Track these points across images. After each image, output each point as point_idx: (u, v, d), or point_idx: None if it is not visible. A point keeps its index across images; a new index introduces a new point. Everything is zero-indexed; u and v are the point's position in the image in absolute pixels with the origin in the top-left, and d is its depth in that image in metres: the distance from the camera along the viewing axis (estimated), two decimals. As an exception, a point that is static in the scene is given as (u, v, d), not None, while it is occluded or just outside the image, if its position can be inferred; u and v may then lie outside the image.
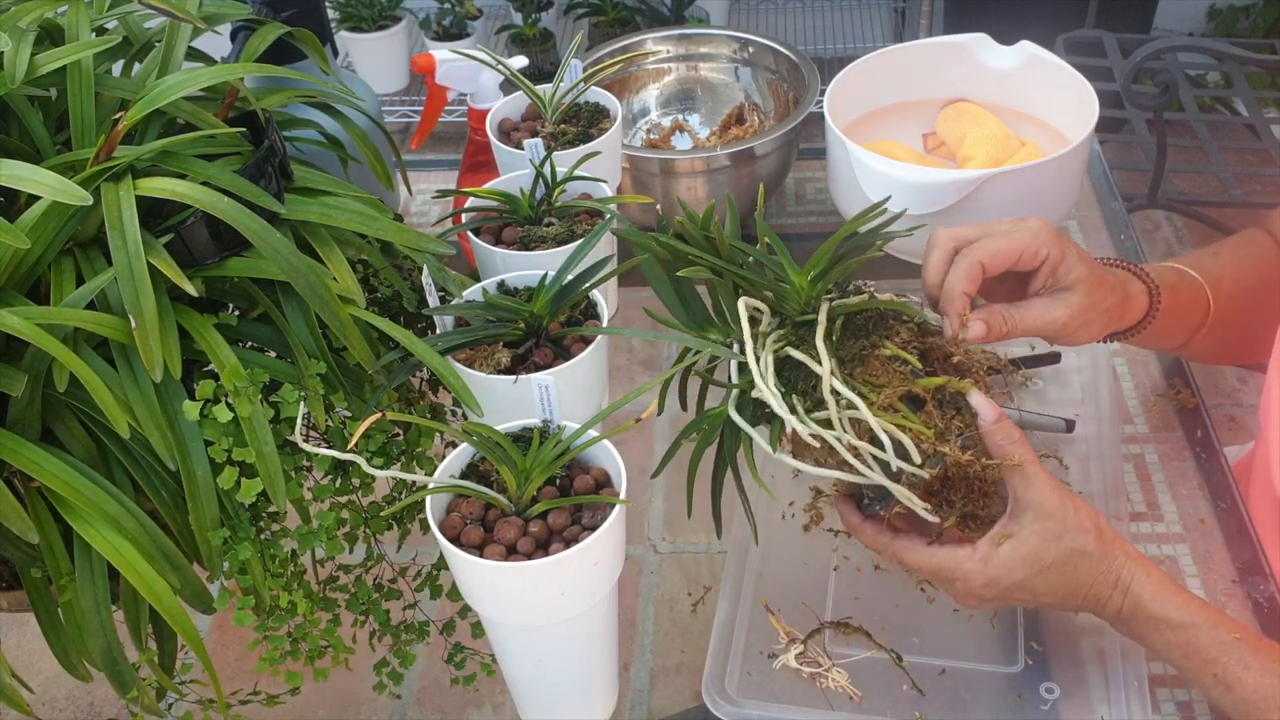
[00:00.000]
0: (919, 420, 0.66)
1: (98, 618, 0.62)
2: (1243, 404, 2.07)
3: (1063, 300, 0.75)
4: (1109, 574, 0.68)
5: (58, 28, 0.72)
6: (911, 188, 1.01)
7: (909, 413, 0.67)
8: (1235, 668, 0.66)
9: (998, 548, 0.68)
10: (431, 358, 0.69)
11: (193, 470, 0.62)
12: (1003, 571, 0.68)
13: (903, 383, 0.67)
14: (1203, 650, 0.67)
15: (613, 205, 0.88)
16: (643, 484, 0.96)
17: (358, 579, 0.75)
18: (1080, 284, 0.75)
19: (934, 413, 0.67)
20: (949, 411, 0.68)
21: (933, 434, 0.66)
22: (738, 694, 0.77)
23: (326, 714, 0.83)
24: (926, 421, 0.67)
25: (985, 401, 0.68)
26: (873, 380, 0.67)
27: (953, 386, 0.68)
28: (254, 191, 0.63)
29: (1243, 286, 0.88)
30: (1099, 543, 0.68)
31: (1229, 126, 2.42)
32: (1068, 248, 0.75)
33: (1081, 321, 0.75)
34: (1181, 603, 0.68)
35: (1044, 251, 0.74)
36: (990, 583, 0.69)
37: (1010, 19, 2.44)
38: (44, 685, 0.87)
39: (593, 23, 2.56)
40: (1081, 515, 0.68)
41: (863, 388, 0.67)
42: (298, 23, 0.85)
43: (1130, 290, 0.79)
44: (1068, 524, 0.68)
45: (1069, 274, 0.75)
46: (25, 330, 0.56)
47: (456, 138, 2.03)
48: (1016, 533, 0.68)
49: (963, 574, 0.69)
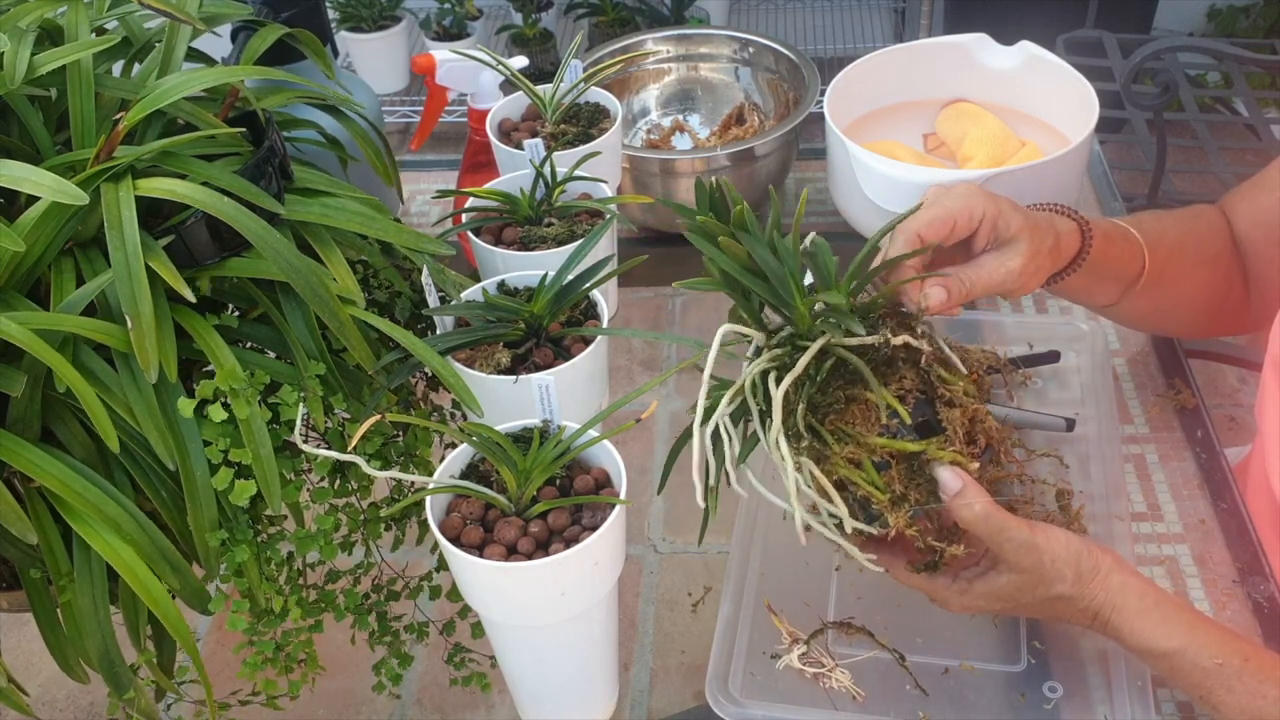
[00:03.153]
0: (880, 479, 0.66)
1: (96, 619, 0.62)
2: (1243, 404, 2.07)
3: (1012, 250, 0.75)
4: (1087, 610, 0.70)
5: (57, 28, 0.72)
6: (911, 188, 1.01)
7: (870, 470, 0.66)
8: (1220, 692, 0.67)
9: (974, 584, 0.71)
10: (431, 358, 0.69)
11: (192, 471, 0.62)
12: (979, 603, 0.71)
13: (857, 449, 0.66)
14: (1185, 675, 0.68)
15: (613, 205, 0.88)
16: (643, 484, 0.96)
17: (354, 583, 0.75)
18: (1021, 233, 0.75)
19: (897, 475, 0.67)
20: (918, 476, 0.67)
21: (887, 498, 0.66)
22: (741, 694, 0.77)
23: (326, 714, 0.83)
24: (889, 482, 0.66)
25: (950, 474, 0.66)
26: (845, 429, 0.67)
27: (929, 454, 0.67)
28: (254, 192, 0.63)
29: (1181, 254, 0.88)
30: (1075, 584, 0.69)
31: (1229, 126, 2.42)
32: (1000, 202, 0.76)
33: (1033, 269, 0.76)
34: (1164, 631, 0.68)
35: (978, 210, 0.75)
36: (966, 608, 0.72)
37: (1010, 19, 2.43)
38: (44, 686, 0.87)
39: (593, 23, 2.56)
40: (1059, 564, 0.68)
41: (829, 435, 0.66)
42: (298, 23, 0.85)
43: (1060, 228, 0.79)
44: (1042, 577, 0.68)
45: (1009, 227, 0.75)
46: (21, 338, 0.56)
47: (456, 138, 2.03)
48: (993, 578, 0.70)
49: (941, 599, 0.72)
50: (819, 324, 0.67)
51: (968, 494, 0.66)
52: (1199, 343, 1.30)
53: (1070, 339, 1.01)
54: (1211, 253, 0.91)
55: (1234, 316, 0.94)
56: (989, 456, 0.70)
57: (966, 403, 0.68)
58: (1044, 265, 0.77)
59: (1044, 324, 1.04)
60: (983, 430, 0.69)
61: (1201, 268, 0.90)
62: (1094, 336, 0.99)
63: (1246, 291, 0.93)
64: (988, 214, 0.75)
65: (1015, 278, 0.75)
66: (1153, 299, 0.88)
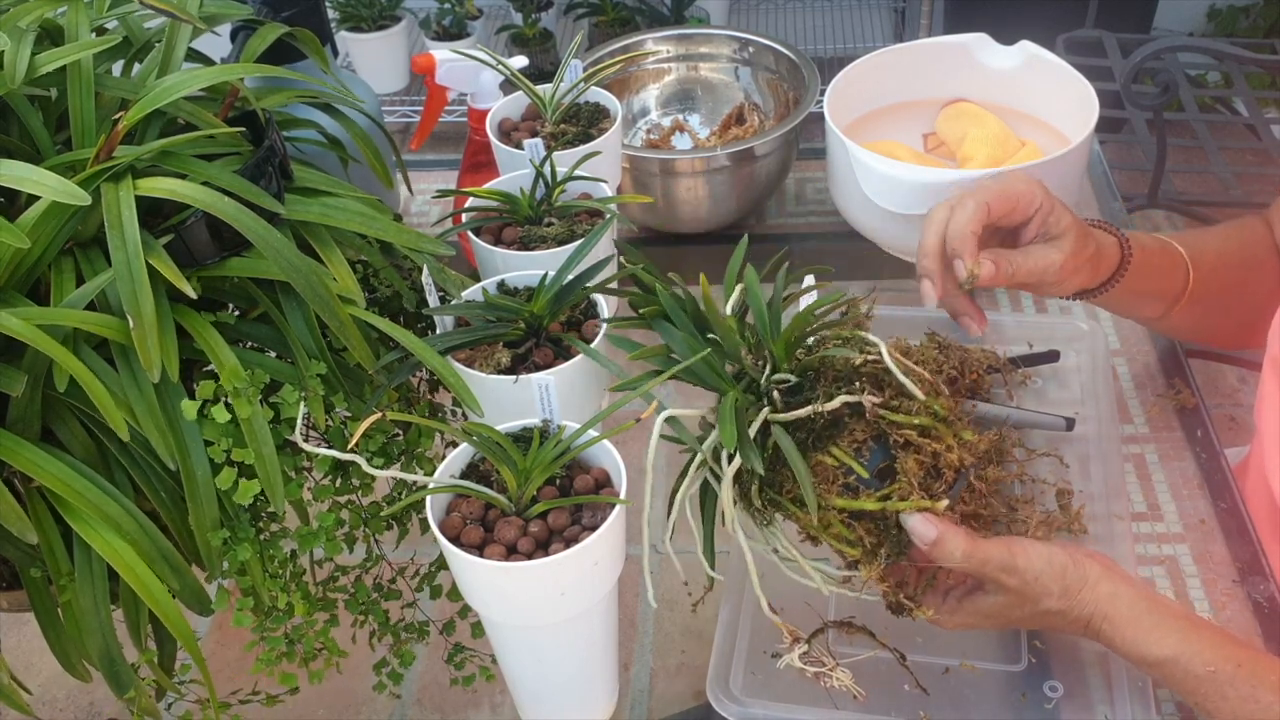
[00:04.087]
0: (851, 535, 0.67)
1: (97, 618, 0.62)
2: (1243, 404, 2.07)
3: (1057, 245, 0.78)
4: (1078, 620, 0.70)
5: (58, 28, 0.72)
6: (911, 188, 1.01)
7: (840, 526, 0.67)
8: (1214, 699, 0.67)
9: (963, 603, 0.72)
10: (431, 358, 0.69)
11: (193, 470, 0.62)
12: (971, 620, 0.72)
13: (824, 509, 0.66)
14: (1179, 683, 0.68)
15: (613, 205, 0.88)
16: (643, 484, 0.95)
17: (357, 579, 0.75)
18: (1069, 231, 0.78)
19: (863, 531, 0.67)
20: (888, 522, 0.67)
21: (859, 553, 0.67)
22: (742, 693, 0.77)
23: (326, 714, 0.83)
24: (858, 538, 0.67)
25: (922, 522, 0.66)
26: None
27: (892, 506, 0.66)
28: (254, 191, 0.63)
29: (1226, 264, 0.89)
30: (1063, 599, 0.69)
31: (1229, 126, 2.42)
32: (1054, 198, 0.79)
33: (1072, 267, 0.79)
34: (1156, 639, 0.68)
35: (1038, 199, 0.78)
36: (961, 625, 0.73)
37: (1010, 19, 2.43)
38: (44, 685, 0.87)
39: (593, 23, 2.56)
40: (1043, 580, 0.68)
41: (790, 505, 0.67)
42: (297, 23, 0.85)
43: (1101, 241, 0.82)
44: (1028, 595, 0.69)
45: (1059, 223, 0.79)
46: (24, 332, 0.56)
47: (456, 138, 2.03)
48: (981, 599, 0.71)
49: (932, 619, 0.73)
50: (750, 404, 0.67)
51: (944, 542, 0.66)
52: (1199, 343, 1.30)
53: (1070, 338, 1.00)
54: (1255, 260, 0.92)
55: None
56: (963, 483, 0.68)
57: (922, 443, 0.66)
58: (1083, 268, 0.80)
59: (1044, 323, 1.04)
60: (948, 462, 0.67)
61: (1247, 275, 0.91)
62: (1094, 336, 0.99)
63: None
64: (1044, 205, 0.78)
65: (1056, 271, 0.78)
66: (1201, 309, 0.89)
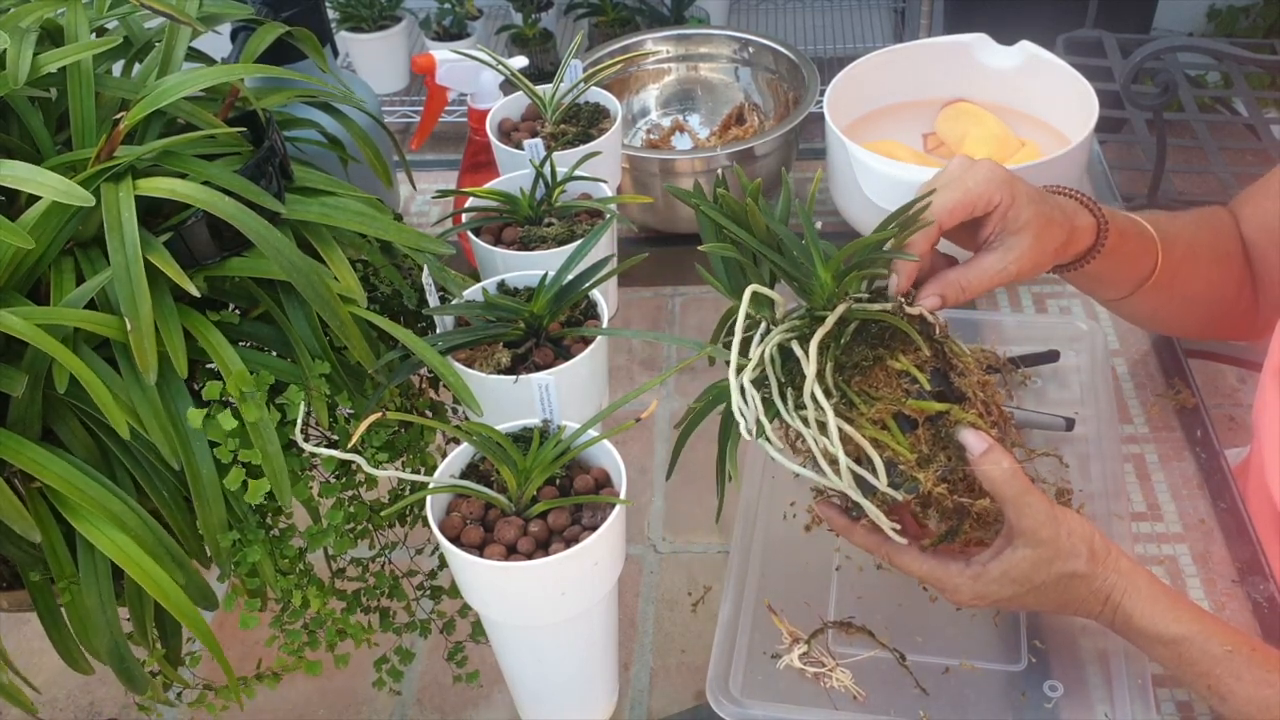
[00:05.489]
0: (906, 441, 0.66)
1: (103, 616, 0.62)
2: (1242, 404, 2.07)
3: (1012, 249, 0.75)
4: (1100, 591, 0.69)
5: (58, 28, 0.72)
6: (911, 188, 1.00)
7: (897, 431, 0.66)
8: (1228, 680, 0.66)
9: (988, 566, 0.70)
10: (432, 357, 0.69)
11: (198, 470, 0.62)
12: (992, 588, 0.70)
13: (893, 403, 0.66)
14: (1195, 663, 0.67)
15: (613, 205, 0.88)
16: (643, 484, 0.96)
17: (378, 571, 0.75)
18: (1028, 227, 0.75)
19: (923, 437, 0.67)
20: (942, 438, 0.68)
21: (914, 458, 0.66)
22: (742, 694, 0.77)
23: (327, 713, 0.83)
24: (914, 444, 0.67)
25: (975, 435, 0.67)
26: (870, 392, 0.67)
27: (954, 415, 0.68)
28: (254, 191, 0.63)
29: (1194, 254, 0.89)
30: (1090, 562, 0.69)
31: (1229, 126, 2.41)
32: (1017, 190, 0.76)
33: (1031, 266, 0.76)
34: (1173, 617, 0.68)
35: (996, 198, 0.75)
36: (979, 596, 0.71)
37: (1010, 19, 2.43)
38: (44, 685, 0.86)
39: (593, 23, 2.56)
40: (1075, 539, 0.68)
41: (855, 397, 0.67)
42: (297, 23, 0.85)
43: (1078, 223, 0.79)
44: (1060, 550, 0.68)
45: (1018, 218, 0.75)
46: (25, 331, 0.56)
47: (456, 138, 2.03)
48: (1009, 555, 0.69)
49: (952, 586, 0.71)
50: (839, 290, 0.68)
51: (994, 453, 0.67)
52: (1199, 343, 1.30)
53: (1070, 339, 1.01)
54: (1223, 254, 0.91)
55: (1241, 320, 0.94)
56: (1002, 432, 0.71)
57: (980, 373, 0.70)
58: (1044, 263, 0.78)
59: (1044, 324, 1.04)
60: (995, 404, 0.71)
61: (1214, 269, 0.90)
62: (1093, 336, 0.99)
63: (1255, 296, 0.92)
64: (1002, 204, 0.75)
65: (1011, 278, 0.76)
66: (1164, 297, 0.88)
